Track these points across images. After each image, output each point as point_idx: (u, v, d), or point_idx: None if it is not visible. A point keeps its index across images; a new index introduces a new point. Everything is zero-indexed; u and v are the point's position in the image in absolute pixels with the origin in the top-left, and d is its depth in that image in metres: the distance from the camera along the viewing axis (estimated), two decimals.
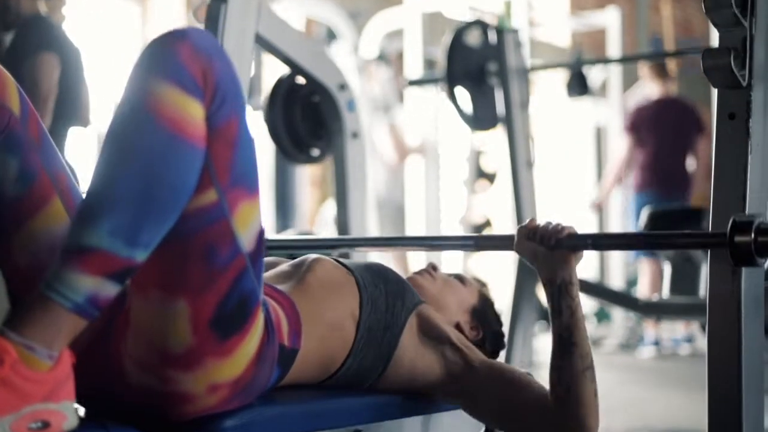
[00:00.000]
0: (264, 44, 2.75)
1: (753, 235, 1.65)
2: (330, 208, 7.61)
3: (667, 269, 3.65)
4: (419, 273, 2.17)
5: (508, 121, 3.81)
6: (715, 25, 1.87)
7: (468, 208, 9.83)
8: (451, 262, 9.59)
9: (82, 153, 5.04)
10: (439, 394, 1.90)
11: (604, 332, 8.72)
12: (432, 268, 2.19)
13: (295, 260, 1.91)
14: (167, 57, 1.41)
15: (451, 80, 3.87)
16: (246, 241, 1.52)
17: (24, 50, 3.72)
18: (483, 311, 2.18)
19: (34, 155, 1.66)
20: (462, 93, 3.87)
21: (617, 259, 8.60)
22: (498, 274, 9.28)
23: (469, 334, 2.12)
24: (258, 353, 1.59)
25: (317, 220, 8.00)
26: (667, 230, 3.53)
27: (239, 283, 1.52)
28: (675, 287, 3.56)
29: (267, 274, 1.84)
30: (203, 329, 1.50)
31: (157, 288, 1.50)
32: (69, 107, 3.81)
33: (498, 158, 8.87)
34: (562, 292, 1.79)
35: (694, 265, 3.52)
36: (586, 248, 1.81)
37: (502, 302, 3.94)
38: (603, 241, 1.82)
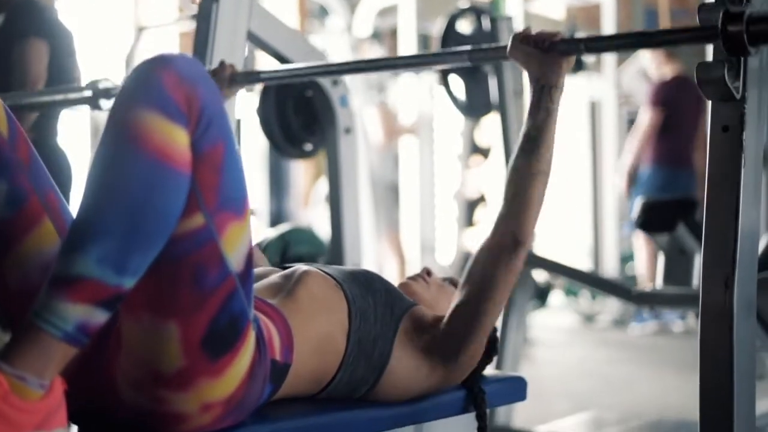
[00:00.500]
0: (256, 41, 2.73)
1: (745, 25, 1.68)
2: (324, 185, 7.60)
3: (661, 260, 3.65)
4: (413, 278, 2.17)
5: (502, 109, 3.79)
6: None
7: (462, 183, 9.83)
8: (445, 234, 9.61)
9: (74, 136, 5.02)
10: (435, 378, 1.89)
11: (599, 308, 8.76)
12: (426, 273, 2.19)
13: (285, 271, 1.91)
14: (151, 84, 1.41)
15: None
16: (235, 262, 1.52)
17: (13, 35, 3.68)
18: None
19: (24, 177, 1.66)
20: (455, 80, 3.85)
21: (611, 233, 8.60)
22: None
23: None
24: (250, 371, 1.59)
25: (311, 196, 7.99)
26: (660, 221, 3.55)
27: (229, 303, 1.52)
28: (668, 278, 3.56)
29: (257, 286, 1.84)
30: (194, 350, 1.50)
31: (147, 310, 1.50)
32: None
33: (492, 133, 8.84)
34: (544, 93, 1.84)
35: (687, 256, 3.52)
36: (579, 52, 1.88)
37: None
38: (596, 44, 1.87)
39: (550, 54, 1.85)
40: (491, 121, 7.37)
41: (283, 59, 2.82)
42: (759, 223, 1.86)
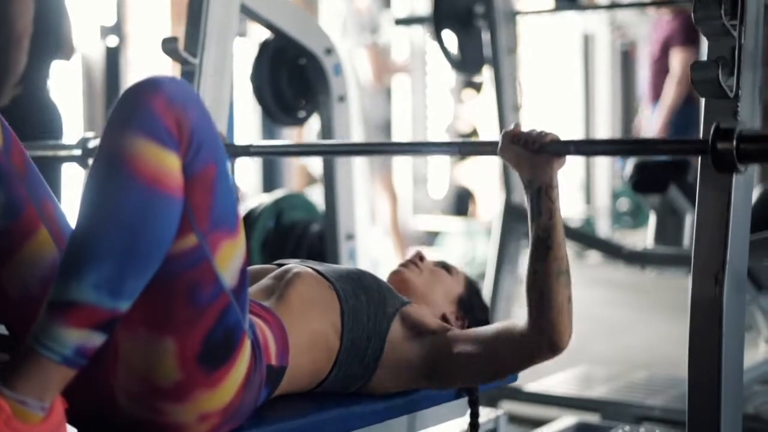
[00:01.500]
0: (249, 13, 2.71)
1: (735, 142, 1.68)
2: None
3: (652, 219, 3.67)
4: (405, 265, 2.19)
5: (495, 65, 3.78)
6: (705, 35, 1.86)
7: (455, 117, 9.82)
8: (438, 168, 9.61)
9: (65, 87, 4.98)
10: (426, 381, 1.93)
11: None
12: (419, 258, 2.21)
13: (277, 272, 1.92)
14: (142, 110, 1.41)
15: (437, 22, 3.82)
16: (229, 278, 1.54)
17: None
18: (469, 300, 2.20)
19: (20, 186, 1.67)
20: (448, 35, 3.83)
21: (603, 167, 8.61)
22: (483, 181, 9.32)
23: (455, 324, 2.15)
24: (246, 379, 1.62)
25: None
26: (652, 183, 3.57)
27: (224, 318, 1.54)
28: (659, 237, 3.59)
29: (251, 290, 1.85)
30: (190, 364, 1.53)
31: (143, 326, 1.52)
32: (50, 41, 3.74)
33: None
34: (542, 195, 1.80)
35: (678, 216, 3.54)
36: (569, 153, 1.84)
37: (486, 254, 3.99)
38: (586, 147, 1.84)
39: (541, 155, 1.82)
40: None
41: (277, 30, 2.81)
42: (749, 221, 1.87)
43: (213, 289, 1.51)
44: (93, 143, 2.48)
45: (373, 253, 7.55)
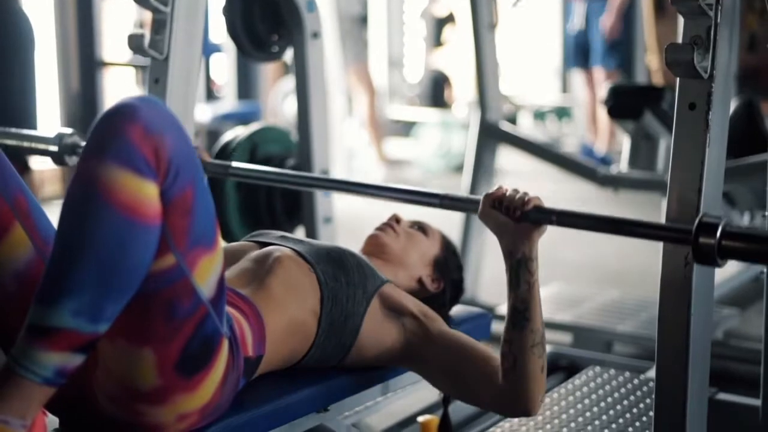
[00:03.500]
0: None
1: (717, 238, 1.66)
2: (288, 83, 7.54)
3: (626, 144, 3.68)
4: (382, 229, 2.20)
5: None
6: (682, 15, 1.84)
7: (431, 1, 9.69)
8: (413, 52, 9.53)
9: None
10: (399, 362, 1.98)
11: (566, 130, 8.83)
12: (395, 220, 2.22)
13: (258, 255, 1.93)
14: (119, 139, 1.41)
15: None
16: (207, 290, 1.55)
17: None
18: (444, 261, 2.23)
19: None
20: None
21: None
22: (459, 67, 9.25)
23: (431, 287, 2.18)
24: (224, 378, 1.65)
25: (273, 92, 7.89)
26: (627, 108, 3.56)
27: (201, 327, 1.56)
28: (634, 161, 3.60)
29: (229, 273, 1.87)
30: (169, 372, 1.56)
31: (123, 337, 1.54)
32: None
33: None
34: (521, 266, 1.81)
35: (652, 142, 3.55)
36: (550, 223, 1.82)
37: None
38: (567, 219, 1.83)
39: (521, 225, 1.80)
40: None
41: None
42: (720, 201, 1.88)
43: (191, 302, 1.53)
44: (70, 140, 2.43)
45: (349, 143, 7.56)
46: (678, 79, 1.85)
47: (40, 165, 6.22)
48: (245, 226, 3.14)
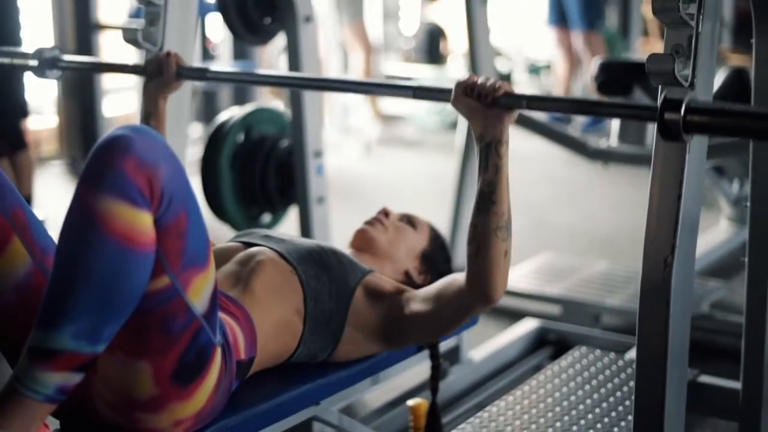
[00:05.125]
0: None
1: (682, 114, 1.69)
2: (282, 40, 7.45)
3: (617, 119, 3.72)
4: (370, 223, 2.25)
5: None
6: (664, 24, 1.87)
7: None
8: (409, 5, 9.49)
9: None
10: (387, 346, 2.05)
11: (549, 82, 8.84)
12: (384, 214, 2.27)
13: (241, 257, 2.00)
14: (113, 172, 1.46)
15: None
16: (200, 306, 1.61)
17: None
18: (432, 254, 2.29)
19: None
20: None
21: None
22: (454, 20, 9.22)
23: (417, 279, 2.24)
24: (217, 384, 1.71)
25: (268, 49, 7.84)
26: (616, 84, 3.59)
27: (196, 340, 1.63)
28: (623, 136, 3.64)
29: (217, 277, 1.91)
30: (165, 382, 1.62)
31: (120, 351, 1.60)
32: None
33: None
34: (491, 149, 1.84)
35: None
36: (521, 108, 1.85)
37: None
38: (537, 103, 1.86)
39: (493, 109, 1.82)
40: None
41: None
42: (699, 210, 1.93)
43: (185, 318, 1.59)
44: (49, 54, 2.47)
45: (344, 100, 7.57)
46: (660, 87, 1.90)
47: (37, 125, 6.29)
48: (239, 205, 3.19)
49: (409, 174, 6.65)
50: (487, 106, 1.82)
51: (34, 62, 2.45)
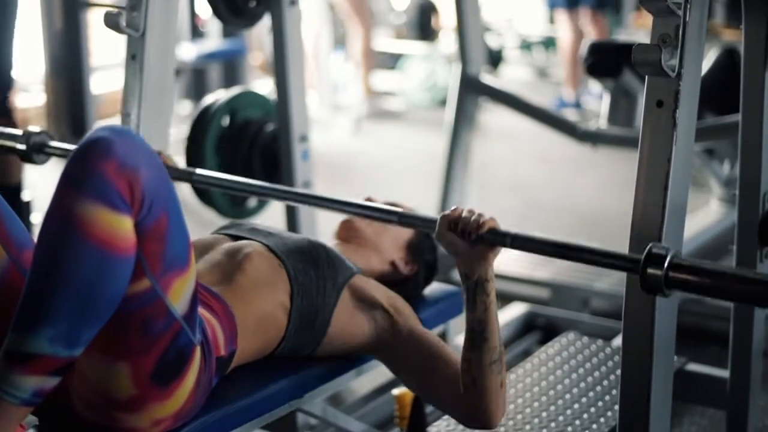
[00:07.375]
0: None
1: (664, 269, 1.67)
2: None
3: (606, 100, 3.69)
4: None
5: None
6: (651, 14, 1.84)
7: None
8: None
9: None
10: (369, 352, 2.03)
11: (553, 61, 8.79)
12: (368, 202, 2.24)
13: (228, 249, 1.96)
14: (94, 175, 1.44)
15: None
16: (180, 308, 1.59)
17: None
18: (418, 244, 2.27)
19: None
20: None
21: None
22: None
23: (404, 269, 2.23)
24: (197, 383, 1.69)
25: (258, 25, 7.77)
26: (606, 66, 3.57)
27: (175, 341, 1.61)
28: (612, 118, 3.62)
29: (200, 268, 1.90)
30: (144, 382, 1.61)
31: (99, 351, 1.58)
32: None
33: None
34: (478, 288, 1.82)
35: (631, 98, 3.56)
36: (504, 246, 1.82)
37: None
38: (521, 243, 1.84)
39: (477, 248, 1.78)
40: None
41: None
42: (687, 199, 1.91)
43: (165, 320, 1.58)
44: (38, 138, 2.39)
45: (334, 78, 7.53)
46: (646, 77, 1.87)
47: (24, 103, 6.23)
48: None
49: (399, 151, 6.62)
50: (470, 243, 1.78)
51: (21, 146, 2.40)
